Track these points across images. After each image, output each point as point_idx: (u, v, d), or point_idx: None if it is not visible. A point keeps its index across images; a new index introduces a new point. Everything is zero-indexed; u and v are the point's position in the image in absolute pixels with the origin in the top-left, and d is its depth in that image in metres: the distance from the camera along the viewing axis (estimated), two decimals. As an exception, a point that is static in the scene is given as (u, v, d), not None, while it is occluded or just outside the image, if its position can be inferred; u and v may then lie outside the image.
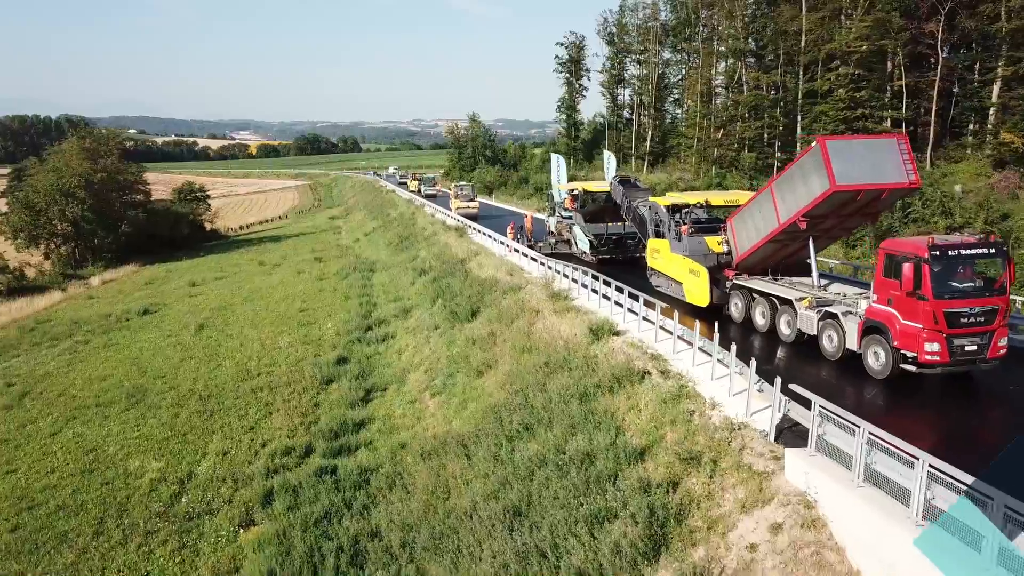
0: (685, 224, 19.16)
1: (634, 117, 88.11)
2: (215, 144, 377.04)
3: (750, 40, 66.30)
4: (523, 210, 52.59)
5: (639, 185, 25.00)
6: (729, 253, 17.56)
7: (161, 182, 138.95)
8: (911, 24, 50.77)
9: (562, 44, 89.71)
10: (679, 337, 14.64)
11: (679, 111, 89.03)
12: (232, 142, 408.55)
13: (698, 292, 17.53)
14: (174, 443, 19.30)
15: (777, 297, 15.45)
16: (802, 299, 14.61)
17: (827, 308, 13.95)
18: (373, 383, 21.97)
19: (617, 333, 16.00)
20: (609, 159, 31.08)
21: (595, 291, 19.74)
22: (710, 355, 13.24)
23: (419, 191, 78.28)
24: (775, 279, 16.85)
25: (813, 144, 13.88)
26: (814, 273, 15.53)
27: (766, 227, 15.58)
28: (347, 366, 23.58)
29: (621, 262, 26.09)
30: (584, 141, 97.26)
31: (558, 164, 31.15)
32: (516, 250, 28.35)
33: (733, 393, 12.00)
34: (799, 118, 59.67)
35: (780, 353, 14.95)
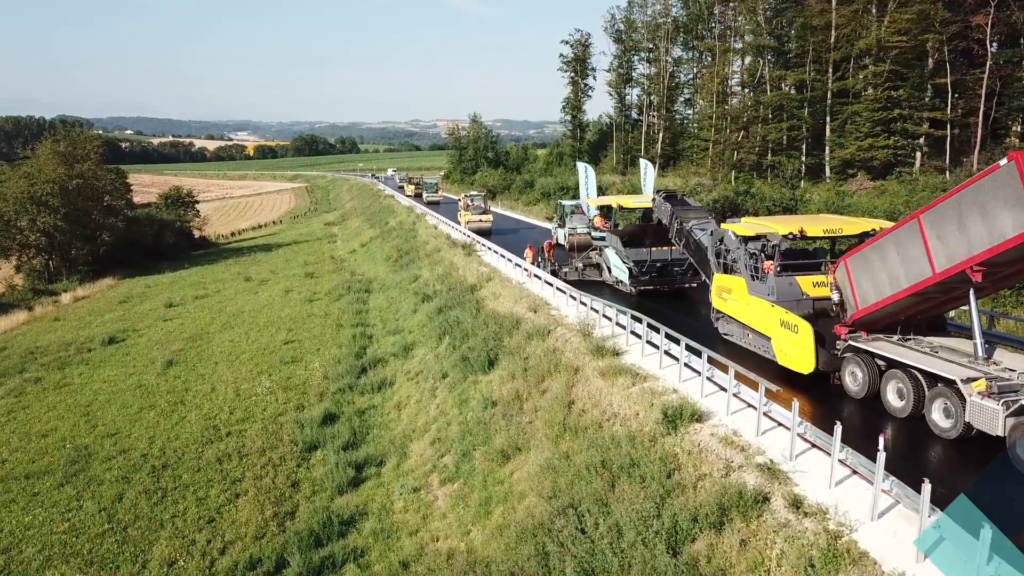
0: (770, 259, 14.83)
1: (643, 118, 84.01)
2: (212, 145, 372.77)
3: (772, 37, 61.95)
4: (531, 219, 48.28)
5: (689, 202, 20.66)
6: (840, 304, 13.21)
7: (155, 184, 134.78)
8: (956, 17, 46.62)
9: (567, 42, 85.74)
10: (801, 436, 10.32)
11: (690, 111, 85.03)
12: (229, 143, 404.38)
13: (797, 354, 13.17)
14: (109, 543, 14.91)
15: (927, 373, 11.10)
16: (972, 380, 10.28)
17: (1021, 399, 9.64)
18: (367, 453, 17.59)
19: (699, 418, 11.66)
20: (646, 169, 26.63)
21: (651, 343, 15.44)
22: (865, 478, 8.97)
23: (417, 196, 73.85)
24: (904, 339, 12.53)
25: (1001, 162, 9.55)
26: (977, 339, 11.14)
27: (910, 275, 11.23)
28: (335, 426, 19.21)
29: (666, 294, 21.80)
30: (590, 143, 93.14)
31: (586, 174, 26.62)
32: (537, 276, 24.04)
33: (925, 553, 7.71)
34: (828, 119, 55.46)
35: (933, 451, 10.64)
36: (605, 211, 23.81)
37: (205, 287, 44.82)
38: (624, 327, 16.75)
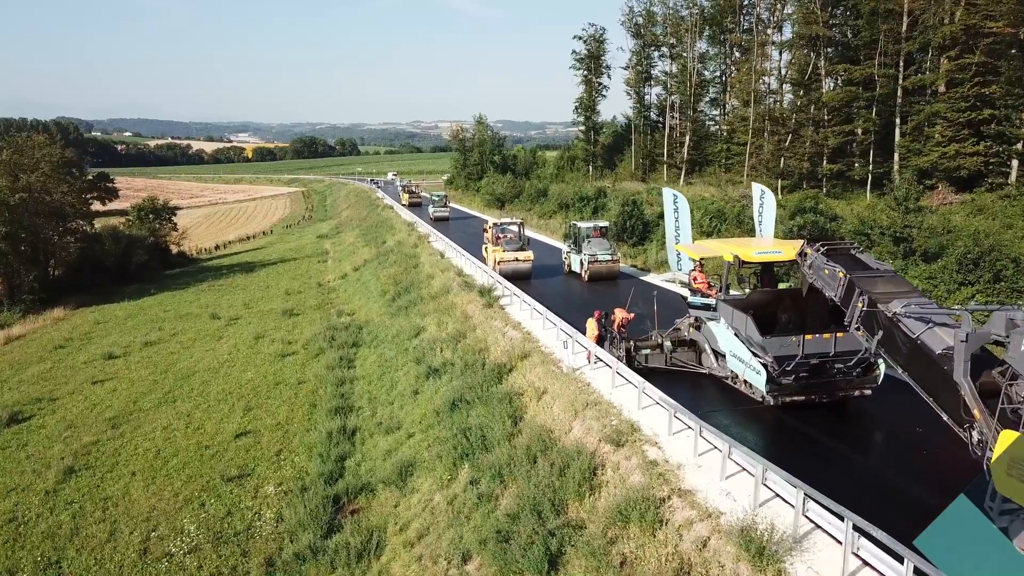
0: None
1: (665, 119, 75.95)
2: (210, 147, 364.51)
3: (826, 25, 53.62)
4: (561, 243, 40.02)
5: (869, 263, 12.33)
6: None
7: (148, 188, 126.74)
8: (1069, -3, 38.56)
9: (580, 38, 77.63)
10: None
11: (715, 112, 76.81)
12: (228, 145, 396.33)
13: None
14: None
15: None
16: None
17: None
18: None
19: None
20: (764, 196, 17.96)
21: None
22: None
23: (412, 207, 66.40)
24: None
25: None
26: None
27: None
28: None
29: (822, 406, 13.60)
30: (604, 146, 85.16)
31: (675, 206, 17.59)
32: (600, 360, 15.90)
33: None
34: (898, 121, 47.29)
35: None
36: (703, 265, 15.61)
37: (162, 327, 36.73)
38: (825, 531, 8.57)
